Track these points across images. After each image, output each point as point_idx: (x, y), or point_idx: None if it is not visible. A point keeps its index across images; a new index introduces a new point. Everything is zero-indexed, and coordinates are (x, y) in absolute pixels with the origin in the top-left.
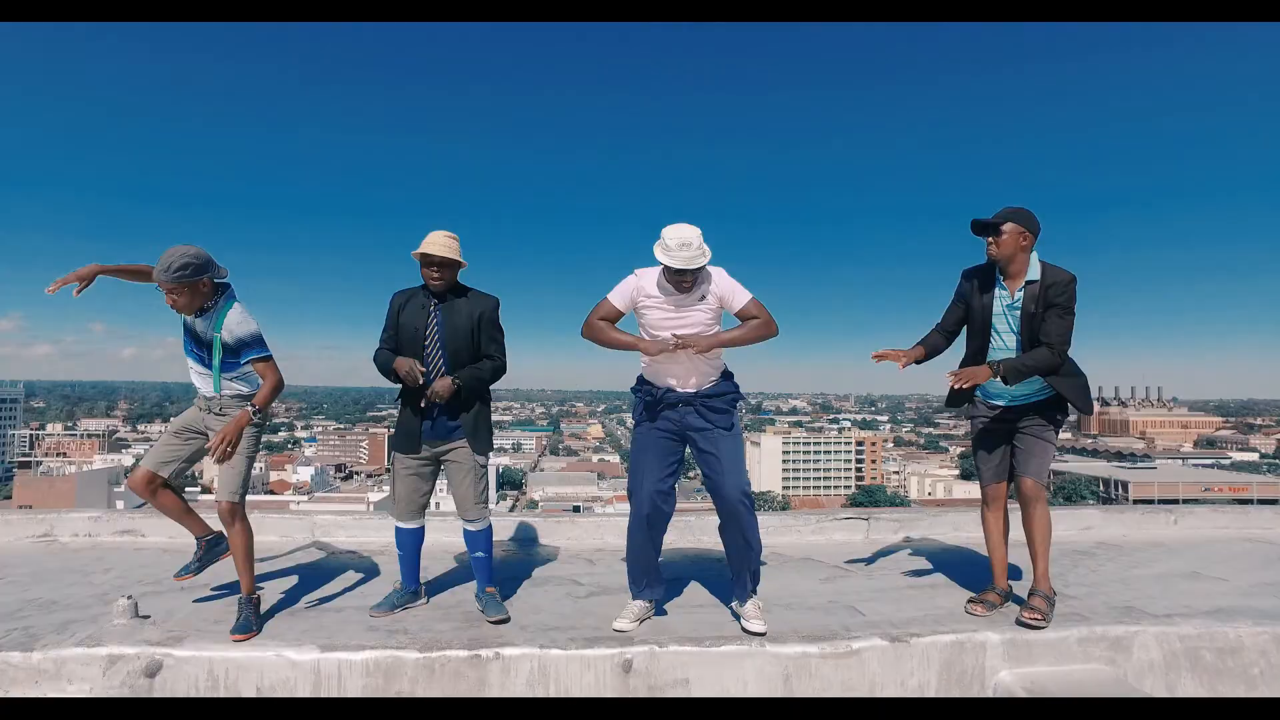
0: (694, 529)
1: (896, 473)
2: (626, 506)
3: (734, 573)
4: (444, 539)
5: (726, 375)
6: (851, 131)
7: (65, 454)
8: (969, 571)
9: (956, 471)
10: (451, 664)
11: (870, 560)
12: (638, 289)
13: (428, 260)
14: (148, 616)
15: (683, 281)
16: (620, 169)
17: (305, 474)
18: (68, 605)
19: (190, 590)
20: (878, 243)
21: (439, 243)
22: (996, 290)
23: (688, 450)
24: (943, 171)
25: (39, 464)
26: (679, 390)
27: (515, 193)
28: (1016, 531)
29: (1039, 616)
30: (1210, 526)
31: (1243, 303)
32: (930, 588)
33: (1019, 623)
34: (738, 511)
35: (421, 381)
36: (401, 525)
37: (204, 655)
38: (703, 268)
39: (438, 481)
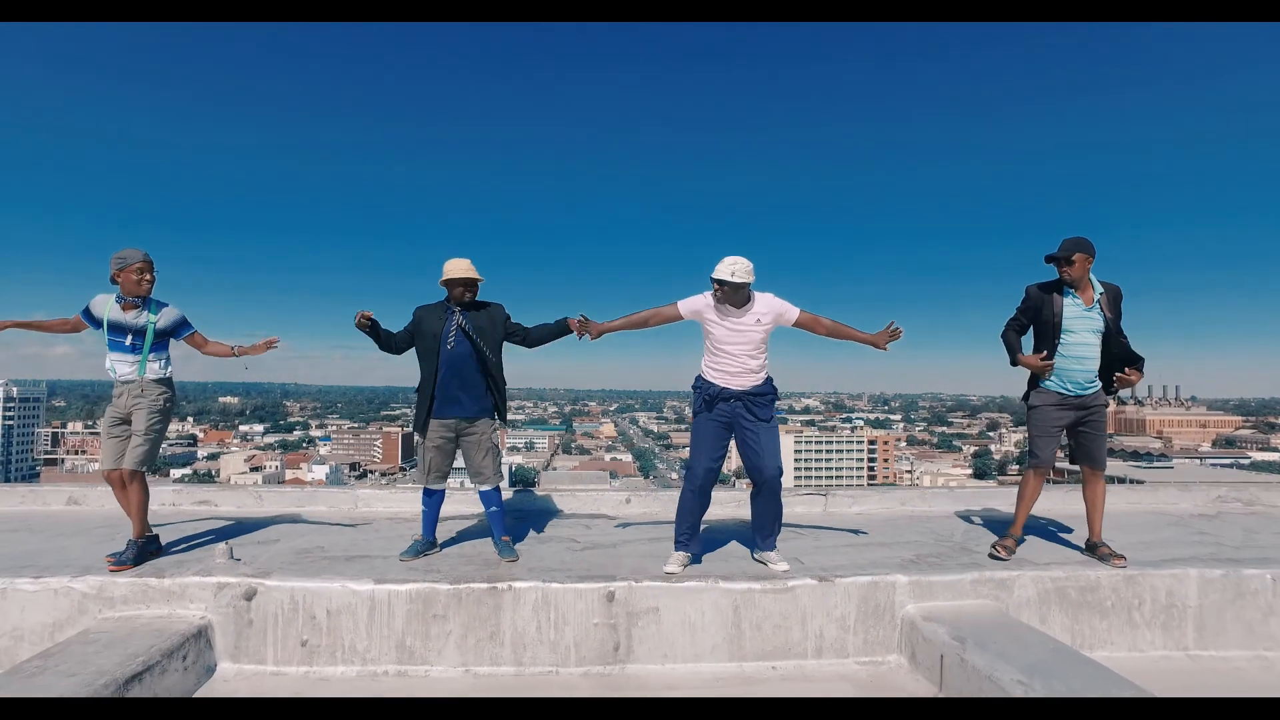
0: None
1: (909, 471)
2: (633, 499)
3: (763, 531)
4: (463, 509)
5: (768, 379)
6: (861, 154)
7: (84, 451)
8: (897, 532)
9: (969, 470)
10: (475, 594)
11: (821, 526)
12: (706, 305)
13: (457, 282)
14: (239, 559)
15: (720, 290)
16: (625, 184)
17: (320, 473)
18: (176, 552)
19: (265, 544)
20: (887, 252)
21: (463, 267)
22: (1068, 301)
23: None
24: (946, 192)
25: (62, 462)
26: (732, 388)
27: (525, 205)
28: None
29: (1123, 560)
30: (1124, 502)
31: (1263, 300)
32: (864, 545)
33: (1114, 565)
34: (774, 485)
35: (366, 321)
36: (430, 487)
37: (286, 585)
38: (742, 288)
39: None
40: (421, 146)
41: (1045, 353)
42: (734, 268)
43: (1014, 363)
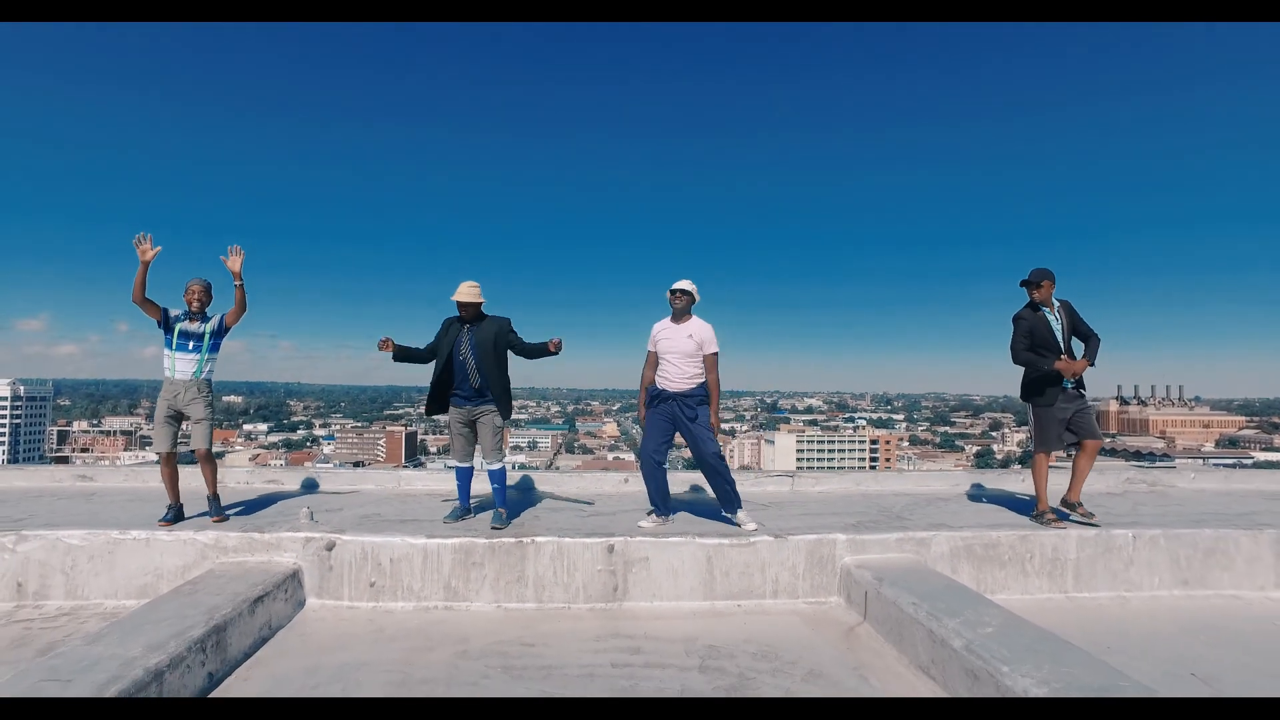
0: (673, 481)
1: (895, 470)
2: (630, 480)
3: (723, 501)
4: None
5: (701, 384)
6: (863, 157)
7: (90, 450)
8: (848, 505)
9: (959, 470)
10: (505, 546)
11: (786, 501)
12: (658, 328)
13: (459, 304)
14: (317, 521)
15: (674, 300)
16: (628, 192)
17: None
18: (264, 516)
19: (333, 511)
20: (892, 255)
21: (464, 290)
22: (1049, 317)
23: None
24: (948, 196)
25: (70, 460)
26: (669, 390)
27: (525, 208)
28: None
29: (1094, 516)
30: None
31: (1268, 302)
32: (817, 515)
33: (1088, 524)
34: (714, 466)
35: (388, 348)
36: (458, 465)
37: (358, 539)
38: (688, 294)
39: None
40: (424, 150)
41: (1064, 358)
42: (683, 284)
43: (1050, 369)
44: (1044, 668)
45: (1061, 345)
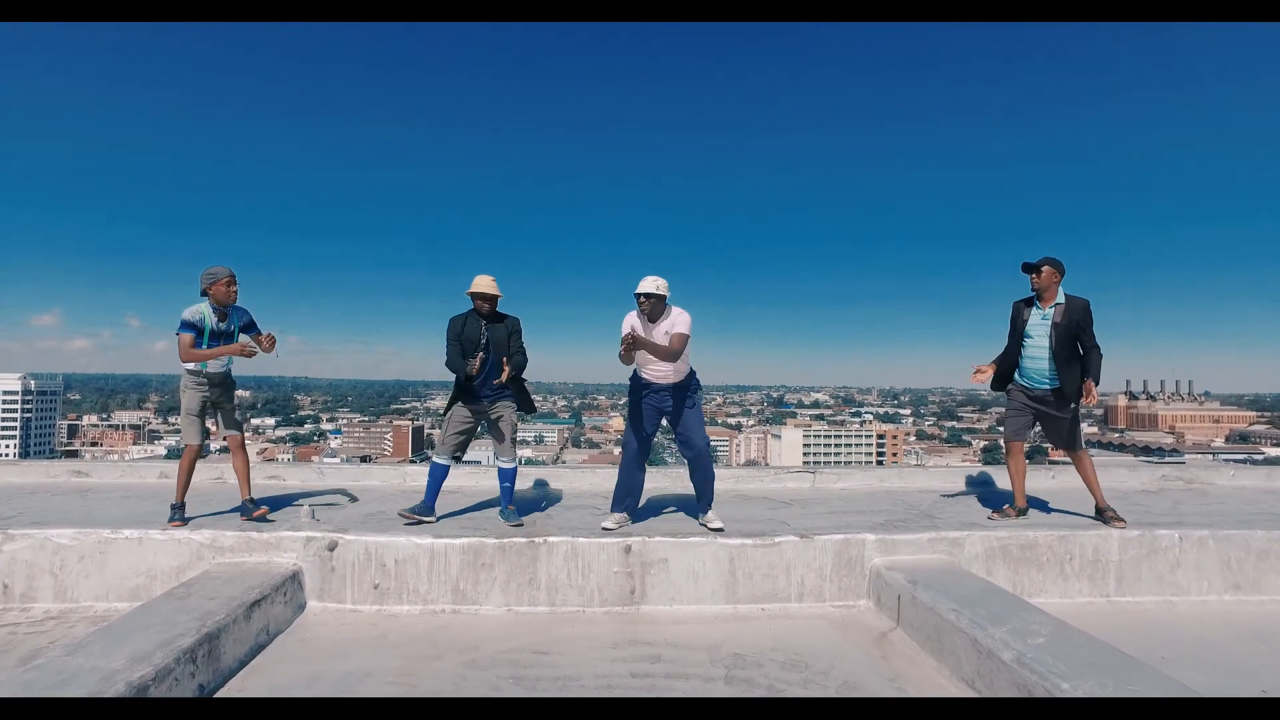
0: (682, 478)
1: (918, 465)
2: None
3: (700, 496)
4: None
5: (690, 373)
6: (875, 162)
7: (100, 443)
8: (873, 503)
9: (980, 465)
10: (516, 546)
11: (808, 498)
12: (634, 320)
13: (481, 296)
14: (319, 519)
15: (640, 301)
16: (633, 189)
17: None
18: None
19: (335, 509)
20: (900, 251)
21: (487, 284)
22: (1033, 311)
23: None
24: (956, 194)
25: (80, 454)
26: (657, 384)
27: (538, 201)
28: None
29: (1123, 521)
30: (1079, 481)
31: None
32: (842, 513)
33: (1113, 525)
34: (702, 457)
35: (475, 370)
36: (438, 461)
37: (361, 539)
38: (658, 297)
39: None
40: (428, 146)
41: (994, 364)
42: (656, 283)
43: (995, 361)
44: (1108, 685)
45: (1031, 339)
